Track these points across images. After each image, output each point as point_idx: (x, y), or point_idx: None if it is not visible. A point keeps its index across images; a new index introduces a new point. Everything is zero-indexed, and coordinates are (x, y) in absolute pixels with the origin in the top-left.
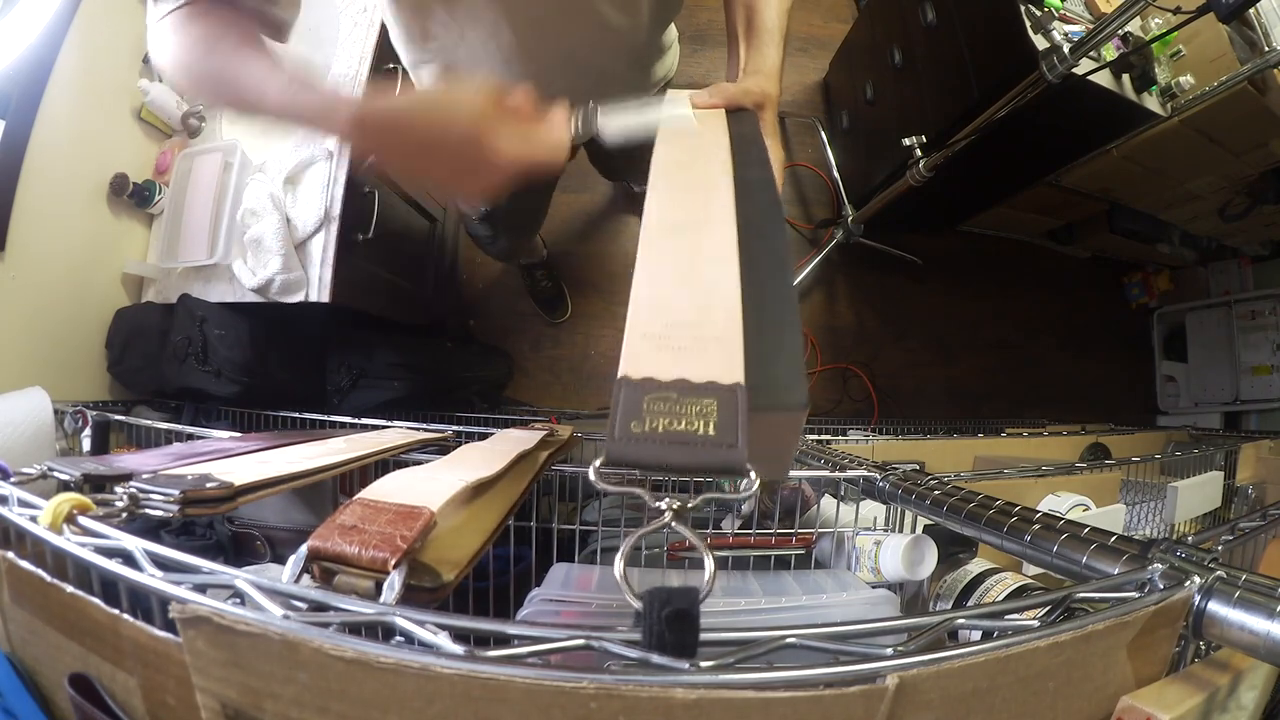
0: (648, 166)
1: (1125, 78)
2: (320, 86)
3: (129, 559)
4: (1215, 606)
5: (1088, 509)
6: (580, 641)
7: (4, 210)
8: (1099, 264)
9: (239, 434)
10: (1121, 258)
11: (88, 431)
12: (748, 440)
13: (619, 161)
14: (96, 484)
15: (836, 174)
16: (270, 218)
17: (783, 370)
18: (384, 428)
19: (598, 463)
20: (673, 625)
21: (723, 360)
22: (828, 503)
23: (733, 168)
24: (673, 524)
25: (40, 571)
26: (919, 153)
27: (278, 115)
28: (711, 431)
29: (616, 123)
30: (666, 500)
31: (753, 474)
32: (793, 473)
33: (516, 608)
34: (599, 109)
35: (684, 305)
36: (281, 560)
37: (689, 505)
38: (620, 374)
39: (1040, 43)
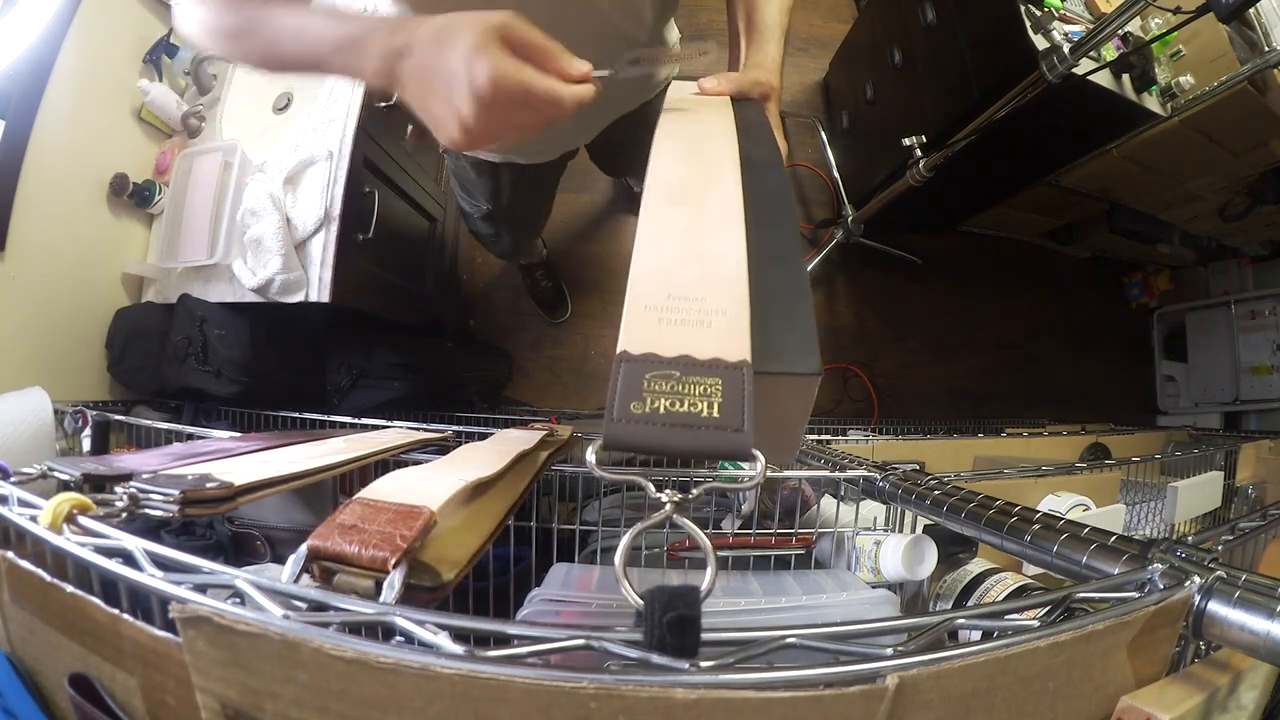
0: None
1: (1125, 78)
2: (361, 16)
3: (129, 559)
4: (1215, 606)
5: (1088, 509)
6: (580, 641)
7: (4, 210)
8: (1099, 264)
9: (239, 434)
10: (1121, 258)
11: (88, 431)
12: (753, 423)
13: (620, 159)
14: (96, 484)
15: (836, 174)
16: (270, 218)
17: (794, 335)
18: (384, 428)
19: (596, 445)
20: (674, 625)
21: (728, 335)
22: (828, 503)
23: (739, 146)
24: (673, 516)
25: (40, 571)
26: (919, 153)
27: (312, 58)
28: (715, 414)
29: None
30: (667, 492)
31: (760, 460)
32: (792, 473)
33: (516, 608)
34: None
35: (687, 276)
36: (281, 560)
37: (690, 496)
38: (620, 349)
39: (1040, 43)
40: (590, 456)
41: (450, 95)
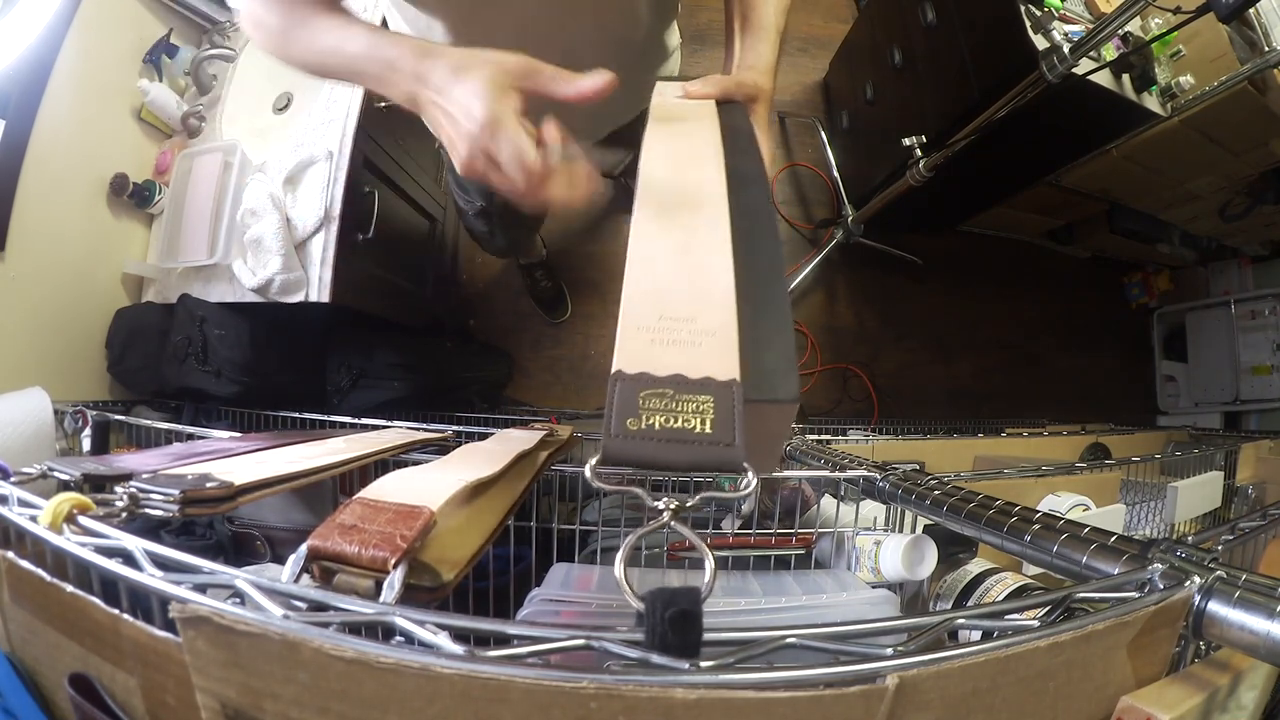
0: None
1: (1125, 78)
2: (397, 40)
3: (129, 559)
4: (1215, 606)
5: (1088, 509)
6: (580, 641)
7: (4, 210)
8: (1099, 264)
9: (239, 434)
10: (1121, 258)
11: (88, 431)
12: (745, 437)
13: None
14: (96, 484)
15: (836, 174)
16: (270, 218)
17: (774, 363)
18: (384, 428)
19: (594, 461)
20: (675, 625)
21: (718, 356)
22: (828, 503)
23: (724, 156)
24: (671, 524)
25: (40, 571)
26: (919, 153)
27: (349, 70)
28: (708, 429)
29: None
30: (665, 500)
31: (751, 473)
32: (792, 473)
33: (516, 608)
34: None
35: (678, 297)
36: (281, 560)
37: (687, 505)
38: (615, 368)
39: (1040, 43)
40: (587, 471)
41: (456, 127)
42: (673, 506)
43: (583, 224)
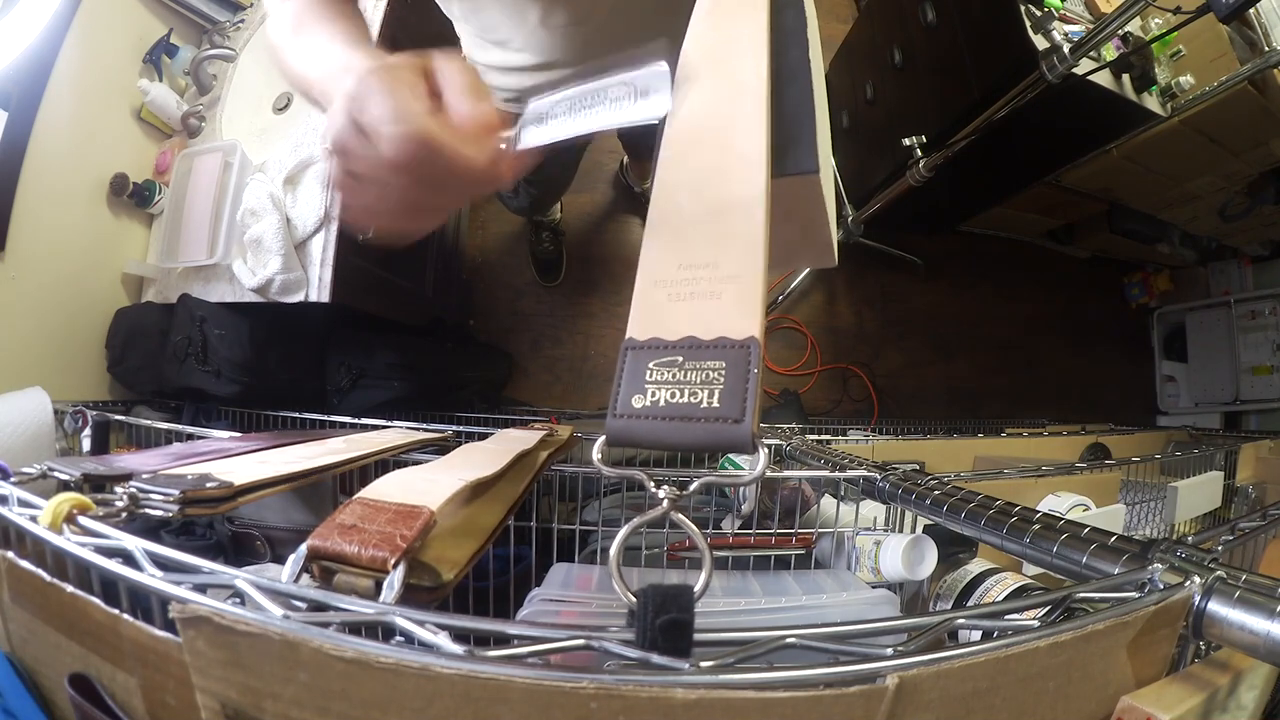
0: None
1: (1125, 78)
2: (359, 51)
3: (129, 559)
4: (1215, 606)
5: (1088, 509)
6: (580, 641)
7: (4, 210)
8: (1099, 264)
9: (239, 434)
10: (1121, 258)
11: (88, 431)
12: (756, 412)
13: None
14: (96, 484)
15: (837, 174)
16: (270, 218)
17: (797, 146)
18: (384, 428)
19: (601, 441)
20: (666, 629)
21: (738, 306)
22: (828, 503)
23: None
24: (671, 514)
25: (40, 571)
26: (919, 153)
27: (309, 88)
28: (715, 403)
29: (542, 132)
30: (665, 488)
31: (760, 454)
32: (792, 473)
33: (516, 608)
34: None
35: (701, 239)
36: (281, 560)
37: (685, 492)
38: (627, 335)
39: (1040, 43)
40: (596, 454)
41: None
42: (673, 495)
43: (585, 225)
